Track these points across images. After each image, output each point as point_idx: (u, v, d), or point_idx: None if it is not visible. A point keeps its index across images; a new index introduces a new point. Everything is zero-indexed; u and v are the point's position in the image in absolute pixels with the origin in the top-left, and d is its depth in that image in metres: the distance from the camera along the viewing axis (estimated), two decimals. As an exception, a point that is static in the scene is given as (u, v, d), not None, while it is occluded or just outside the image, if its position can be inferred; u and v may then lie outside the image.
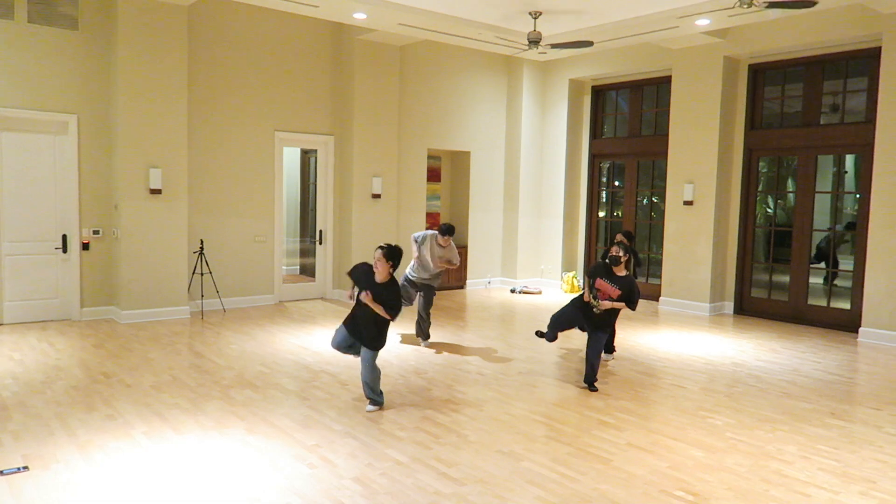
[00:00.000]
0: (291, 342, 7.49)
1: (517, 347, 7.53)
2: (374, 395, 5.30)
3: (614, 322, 6.27)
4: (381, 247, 5.26)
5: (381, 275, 5.21)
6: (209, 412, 5.15)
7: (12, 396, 5.41)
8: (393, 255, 5.23)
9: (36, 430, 4.71)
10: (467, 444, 4.64)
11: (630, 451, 4.56)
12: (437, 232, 7.40)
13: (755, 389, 6.06)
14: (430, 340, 7.58)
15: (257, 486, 3.91)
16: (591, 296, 5.92)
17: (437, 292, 7.54)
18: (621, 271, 5.90)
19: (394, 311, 5.17)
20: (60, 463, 4.17)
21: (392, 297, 5.16)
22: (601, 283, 5.89)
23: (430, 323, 7.54)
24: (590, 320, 6.00)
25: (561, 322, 6.28)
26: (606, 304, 5.82)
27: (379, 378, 5.32)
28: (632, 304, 5.85)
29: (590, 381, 5.97)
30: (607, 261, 5.93)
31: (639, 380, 6.25)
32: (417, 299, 7.57)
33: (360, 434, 4.76)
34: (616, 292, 5.83)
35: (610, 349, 7.05)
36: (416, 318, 7.57)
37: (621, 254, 5.87)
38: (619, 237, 6.66)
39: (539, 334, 6.72)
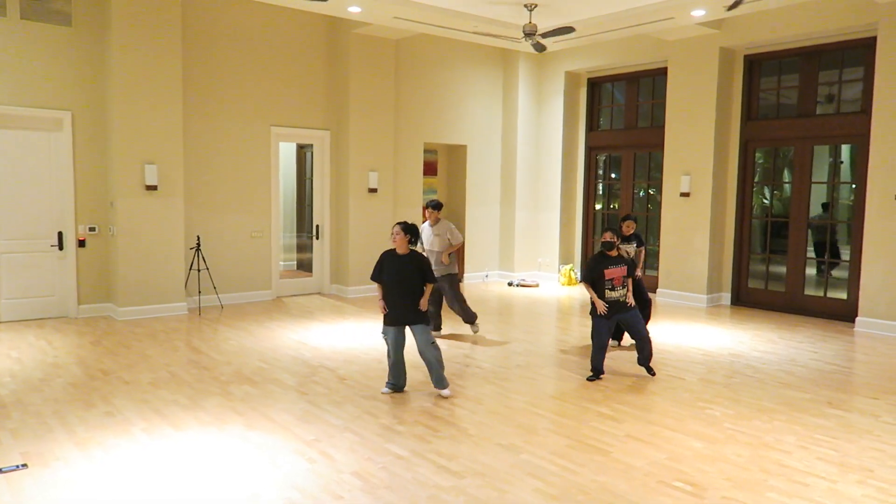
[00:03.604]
0: (289, 337, 7.49)
1: (515, 341, 7.54)
2: (443, 373, 5.52)
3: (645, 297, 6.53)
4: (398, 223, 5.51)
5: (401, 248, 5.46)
6: (208, 408, 5.14)
7: (10, 394, 5.40)
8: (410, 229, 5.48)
9: (35, 427, 4.70)
10: (466, 437, 4.65)
11: (629, 443, 4.57)
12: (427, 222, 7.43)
13: (753, 380, 6.08)
14: (440, 331, 7.64)
15: (257, 482, 3.91)
16: (609, 288, 5.93)
17: (443, 278, 7.31)
18: (614, 252, 6.04)
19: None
20: (60, 460, 4.16)
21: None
22: (609, 271, 5.92)
23: (467, 307, 7.56)
24: (622, 311, 6.02)
25: (602, 356, 6.01)
26: (630, 299, 6.04)
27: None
28: (633, 265, 6.23)
29: (645, 362, 6.16)
30: (602, 248, 6.04)
31: (637, 371, 6.26)
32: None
33: (359, 428, 4.76)
34: (624, 271, 5.99)
35: (618, 336, 7.17)
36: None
37: (616, 239, 6.03)
38: (628, 224, 7.18)
39: (592, 377, 6.06)
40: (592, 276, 5.98)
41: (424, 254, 7.20)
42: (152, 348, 6.91)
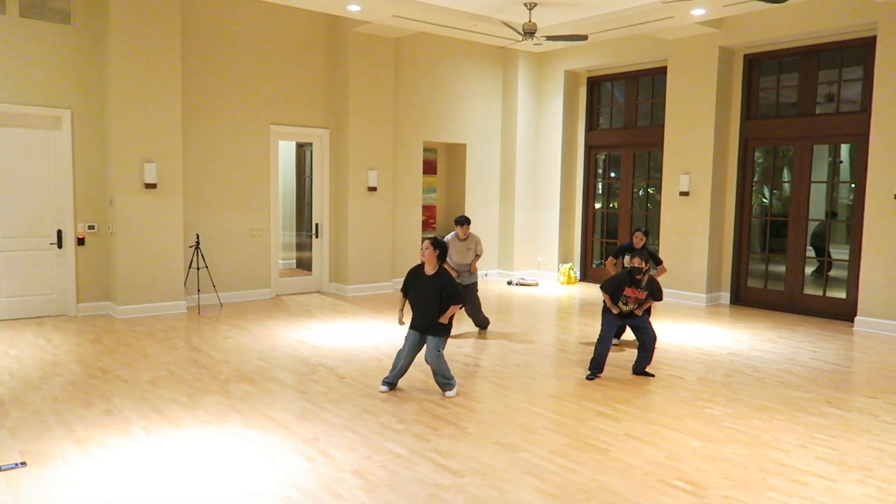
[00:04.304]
0: (289, 336, 7.49)
1: (515, 339, 7.54)
2: (449, 380, 5.52)
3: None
4: (427, 238, 5.63)
5: (430, 266, 5.53)
6: (207, 407, 5.14)
7: (9, 393, 5.39)
8: (438, 244, 5.55)
9: (33, 426, 4.70)
10: (466, 435, 4.65)
11: (628, 442, 4.57)
12: (454, 233, 7.71)
13: (752, 379, 6.08)
14: (488, 327, 8.03)
15: (256, 480, 3.91)
16: (623, 303, 6.18)
17: (468, 286, 7.79)
18: (641, 277, 6.17)
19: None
20: (59, 459, 4.16)
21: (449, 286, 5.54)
22: (629, 290, 6.15)
23: (482, 314, 7.90)
24: (630, 317, 6.25)
25: (606, 351, 6.11)
26: (639, 311, 6.20)
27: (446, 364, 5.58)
28: (658, 297, 6.29)
29: (641, 369, 6.17)
30: (632, 271, 6.15)
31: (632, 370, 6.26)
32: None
33: (358, 427, 4.76)
34: (643, 294, 6.16)
35: (618, 334, 7.30)
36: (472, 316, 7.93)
37: (643, 265, 6.12)
38: (638, 236, 7.16)
39: (591, 376, 6.12)
40: (613, 291, 6.18)
41: (453, 263, 7.52)
42: (151, 347, 6.90)
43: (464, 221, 7.71)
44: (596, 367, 6.07)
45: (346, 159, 10.02)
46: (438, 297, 5.47)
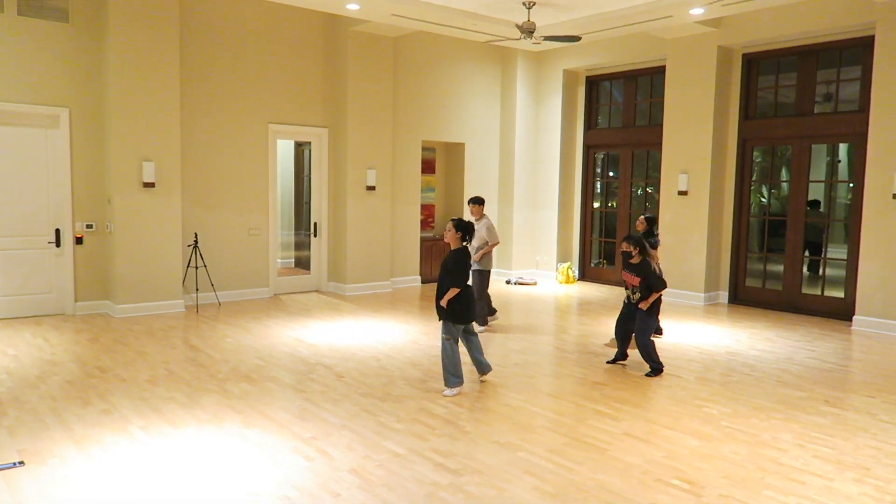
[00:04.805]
0: (287, 335, 7.48)
1: (513, 339, 7.55)
2: (450, 377, 5.48)
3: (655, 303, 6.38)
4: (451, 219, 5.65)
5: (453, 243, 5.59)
6: (205, 406, 5.14)
7: (7, 392, 5.39)
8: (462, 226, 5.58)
9: (31, 424, 4.70)
10: (464, 434, 4.65)
11: (626, 441, 4.58)
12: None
13: (750, 378, 6.09)
14: (485, 326, 7.79)
15: (255, 480, 3.91)
16: (624, 286, 6.47)
17: (483, 276, 7.70)
18: (636, 259, 6.28)
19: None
20: (57, 458, 4.16)
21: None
22: (624, 273, 6.41)
23: (485, 307, 7.72)
24: (633, 307, 6.36)
25: (616, 334, 6.55)
26: (644, 305, 6.20)
27: (455, 358, 5.51)
28: (652, 282, 6.17)
29: (654, 367, 6.17)
30: (622, 254, 6.47)
31: (635, 369, 6.27)
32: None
33: (356, 426, 4.77)
34: (636, 280, 6.25)
35: (658, 330, 7.46)
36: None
37: (631, 248, 6.25)
38: (640, 220, 7.36)
39: (614, 360, 6.56)
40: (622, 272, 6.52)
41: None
42: (150, 346, 6.90)
43: (475, 201, 7.66)
44: (617, 352, 6.51)
45: (344, 158, 10.02)
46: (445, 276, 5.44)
